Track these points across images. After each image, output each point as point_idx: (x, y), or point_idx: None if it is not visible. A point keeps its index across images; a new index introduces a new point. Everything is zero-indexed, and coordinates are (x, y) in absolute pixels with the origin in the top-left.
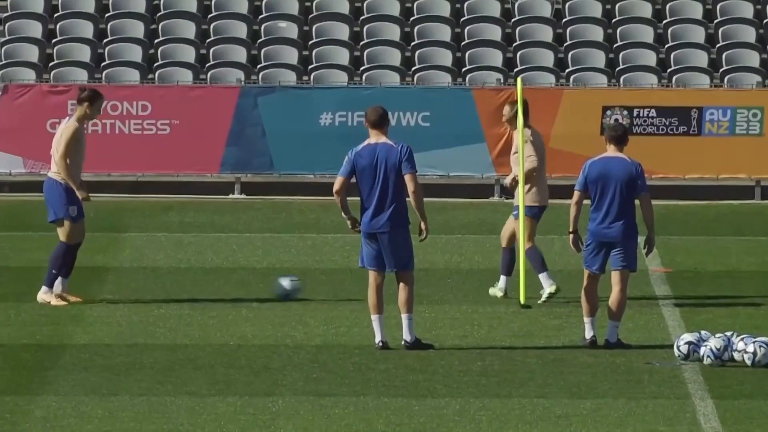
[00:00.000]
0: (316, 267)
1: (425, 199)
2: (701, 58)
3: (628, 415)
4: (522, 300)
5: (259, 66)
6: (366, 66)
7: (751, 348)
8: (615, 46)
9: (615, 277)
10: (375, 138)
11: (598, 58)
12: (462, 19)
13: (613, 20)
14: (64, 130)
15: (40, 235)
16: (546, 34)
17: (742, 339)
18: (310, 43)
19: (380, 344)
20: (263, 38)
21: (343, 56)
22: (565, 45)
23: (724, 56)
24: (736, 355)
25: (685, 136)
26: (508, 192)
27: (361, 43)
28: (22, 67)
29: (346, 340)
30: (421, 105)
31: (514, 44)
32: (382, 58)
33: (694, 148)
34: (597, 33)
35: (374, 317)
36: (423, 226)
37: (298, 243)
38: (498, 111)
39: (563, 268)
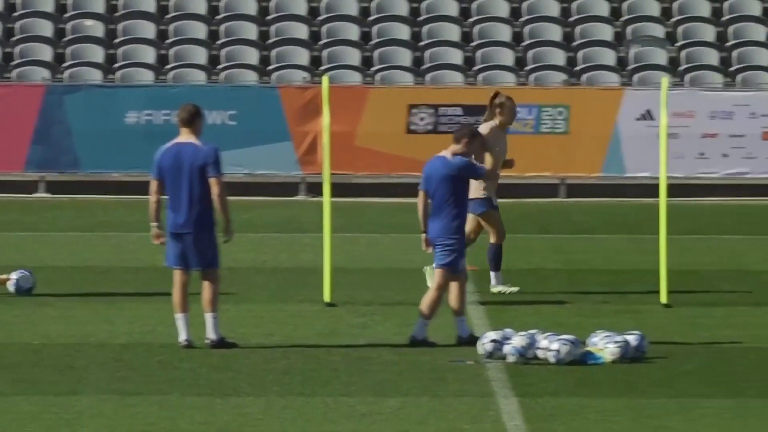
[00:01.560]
0: (121, 265)
1: (231, 198)
2: (507, 57)
3: (431, 413)
4: (327, 298)
5: (64, 64)
6: (172, 64)
7: (555, 346)
8: (421, 44)
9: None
10: (183, 137)
11: (404, 56)
12: (268, 17)
13: (418, 18)
14: None
15: None
16: (352, 32)
17: (546, 337)
18: (116, 41)
19: (185, 343)
20: (69, 36)
21: (149, 54)
22: (372, 43)
23: (530, 54)
24: (540, 353)
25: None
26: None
27: (168, 41)
28: None
29: (150, 339)
30: (227, 103)
31: (321, 42)
32: (189, 56)
33: None
34: (403, 31)
35: (179, 316)
36: (227, 228)
37: (103, 242)
38: (304, 109)
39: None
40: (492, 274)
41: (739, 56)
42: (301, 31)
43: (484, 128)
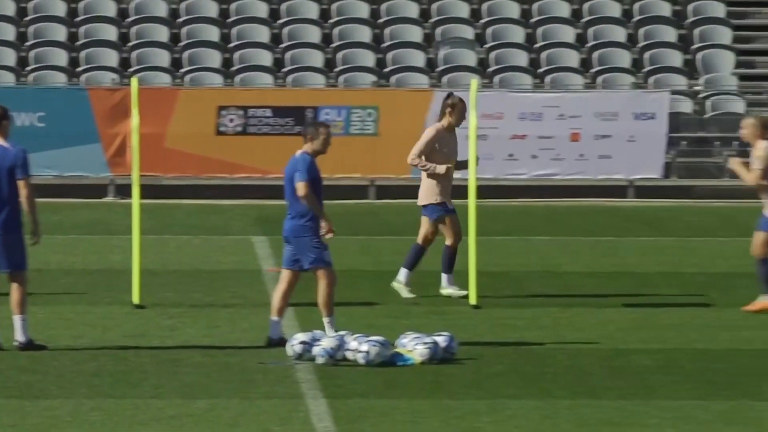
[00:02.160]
0: None
1: (40, 200)
2: (317, 58)
3: (241, 415)
4: (136, 300)
5: None
6: None
7: (364, 347)
8: (230, 45)
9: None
10: None
11: (214, 58)
12: (76, 19)
13: (228, 20)
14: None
15: None
16: (162, 34)
17: (355, 338)
18: None
19: None
20: None
21: None
22: (181, 45)
23: (339, 56)
24: (349, 355)
25: (301, 136)
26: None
27: None
28: None
29: None
30: (36, 105)
31: (130, 44)
32: None
33: None
34: (213, 33)
35: None
36: (35, 230)
37: None
38: (113, 111)
39: None
40: (444, 276)
41: (547, 57)
42: (110, 32)
43: (430, 130)
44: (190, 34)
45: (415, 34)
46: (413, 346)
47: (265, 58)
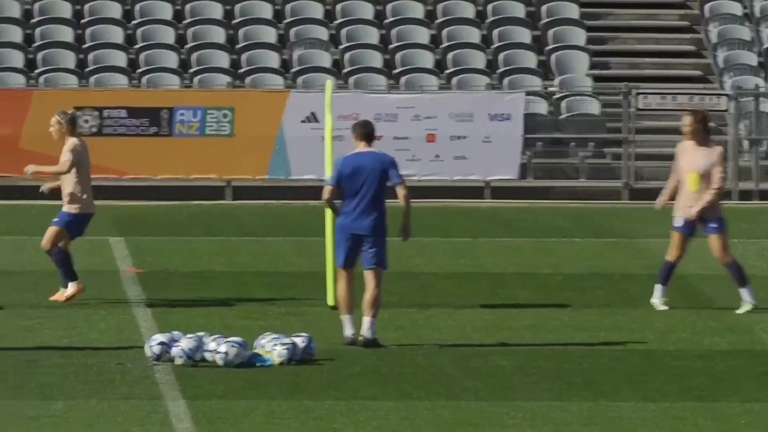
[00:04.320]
0: None
1: None
2: (171, 59)
3: (99, 416)
4: None
5: None
6: None
7: (223, 348)
8: (84, 46)
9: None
10: None
11: (68, 58)
12: None
13: (81, 20)
14: None
15: None
16: (16, 34)
17: (214, 339)
18: None
19: None
20: None
21: None
22: (34, 46)
23: (194, 57)
24: (207, 356)
25: (156, 137)
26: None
27: None
28: None
29: None
30: None
31: None
32: None
33: (165, 148)
34: (67, 34)
35: None
36: None
37: None
38: None
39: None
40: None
41: (402, 58)
42: None
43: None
44: (44, 35)
45: (270, 34)
46: (272, 347)
47: (120, 58)
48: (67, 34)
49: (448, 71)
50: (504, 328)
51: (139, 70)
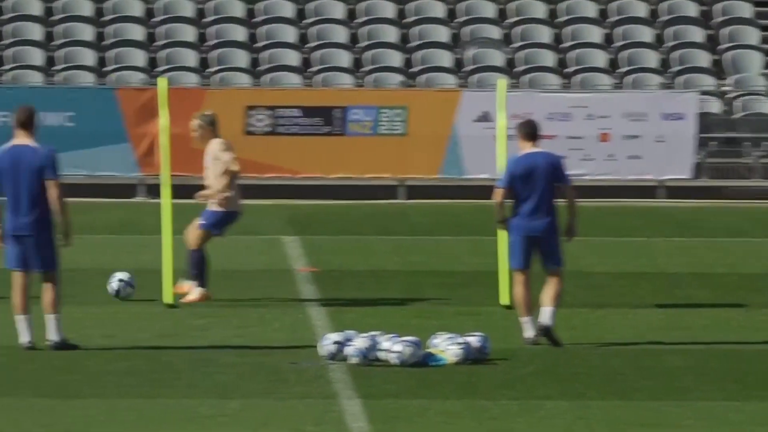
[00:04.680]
0: None
1: (70, 199)
2: (344, 58)
3: (274, 415)
4: (168, 300)
5: None
6: (9, 66)
7: (397, 347)
8: (257, 45)
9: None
10: (20, 139)
11: (242, 57)
12: (102, 19)
13: (254, 20)
14: None
15: None
16: (189, 33)
17: (388, 338)
18: None
19: (27, 344)
20: None
21: None
22: (208, 44)
23: (368, 56)
24: (381, 355)
25: (330, 136)
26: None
27: (3, 42)
28: None
29: None
30: (65, 105)
31: (158, 44)
32: (25, 57)
33: (339, 147)
34: (240, 33)
35: (20, 317)
36: (65, 231)
37: None
38: (142, 111)
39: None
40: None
41: (576, 58)
42: (138, 32)
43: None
44: (218, 34)
45: (443, 34)
46: (446, 347)
47: (293, 57)
48: (240, 33)
49: (621, 70)
50: (679, 328)
51: (312, 69)
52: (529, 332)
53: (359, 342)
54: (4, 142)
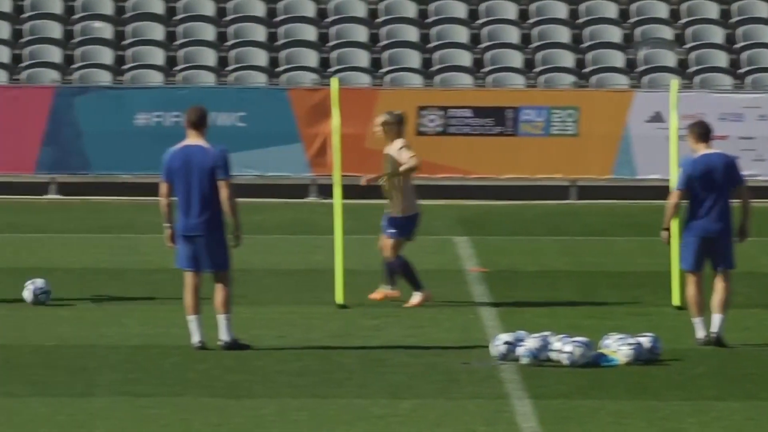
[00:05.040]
0: (133, 267)
1: (241, 200)
2: (516, 58)
3: (446, 415)
4: (339, 300)
5: (74, 66)
6: (181, 66)
7: (568, 348)
8: (428, 46)
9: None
10: (192, 139)
11: (413, 58)
12: (275, 19)
13: (427, 20)
14: None
15: None
16: (361, 34)
17: (559, 339)
18: (125, 43)
19: (198, 344)
20: (78, 38)
21: (158, 56)
22: (380, 45)
23: (538, 56)
24: (553, 355)
25: (501, 136)
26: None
27: (177, 42)
28: None
29: (163, 341)
30: (236, 105)
31: (330, 44)
32: (198, 58)
33: (510, 148)
34: (412, 33)
35: (191, 318)
36: (236, 231)
37: (114, 243)
38: (313, 111)
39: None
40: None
41: (748, 58)
42: (310, 32)
43: None
44: (390, 34)
45: (615, 34)
46: (617, 347)
47: (465, 58)
48: (412, 33)
49: None
50: None
51: (484, 70)
52: (700, 333)
53: (530, 342)
54: (176, 143)
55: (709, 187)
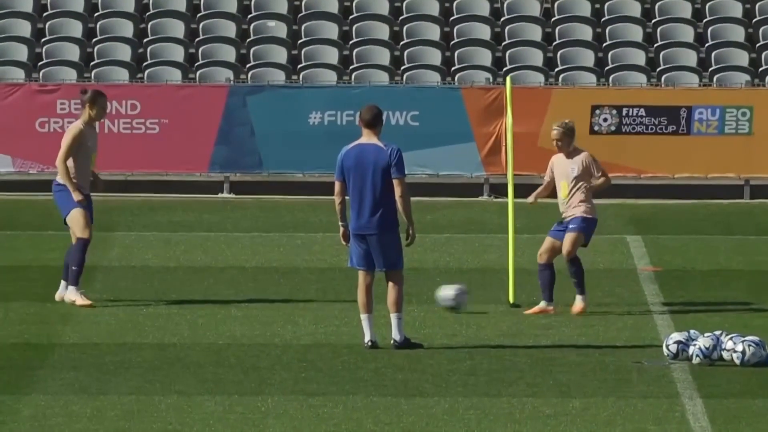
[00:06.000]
0: (305, 266)
1: (414, 198)
2: (690, 57)
3: (617, 414)
4: (511, 299)
5: (248, 65)
6: (355, 65)
7: (740, 347)
8: (604, 45)
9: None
10: (366, 138)
11: (587, 57)
12: (451, 18)
13: (602, 19)
14: (66, 132)
15: (28, 235)
16: (535, 33)
17: (731, 338)
18: (300, 42)
19: (369, 343)
20: (252, 37)
21: (332, 55)
22: (554, 44)
23: (713, 55)
24: (725, 354)
25: (674, 135)
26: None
27: (351, 42)
28: (11, 67)
29: (335, 340)
30: (410, 104)
31: (504, 43)
32: (371, 57)
33: (683, 147)
34: (586, 32)
35: (363, 316)
36: (409, 231)
37: (287, 242)
38: (487, 110)
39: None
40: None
41: None
42: (484, 32)
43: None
44: (563, 34)
45: None
46: None
47: (639, 57)
48: (586, 32)
49: None
50: None
51: (658, 69)
52: None
53: (702, 341)
54: (349, 142)
55: None
